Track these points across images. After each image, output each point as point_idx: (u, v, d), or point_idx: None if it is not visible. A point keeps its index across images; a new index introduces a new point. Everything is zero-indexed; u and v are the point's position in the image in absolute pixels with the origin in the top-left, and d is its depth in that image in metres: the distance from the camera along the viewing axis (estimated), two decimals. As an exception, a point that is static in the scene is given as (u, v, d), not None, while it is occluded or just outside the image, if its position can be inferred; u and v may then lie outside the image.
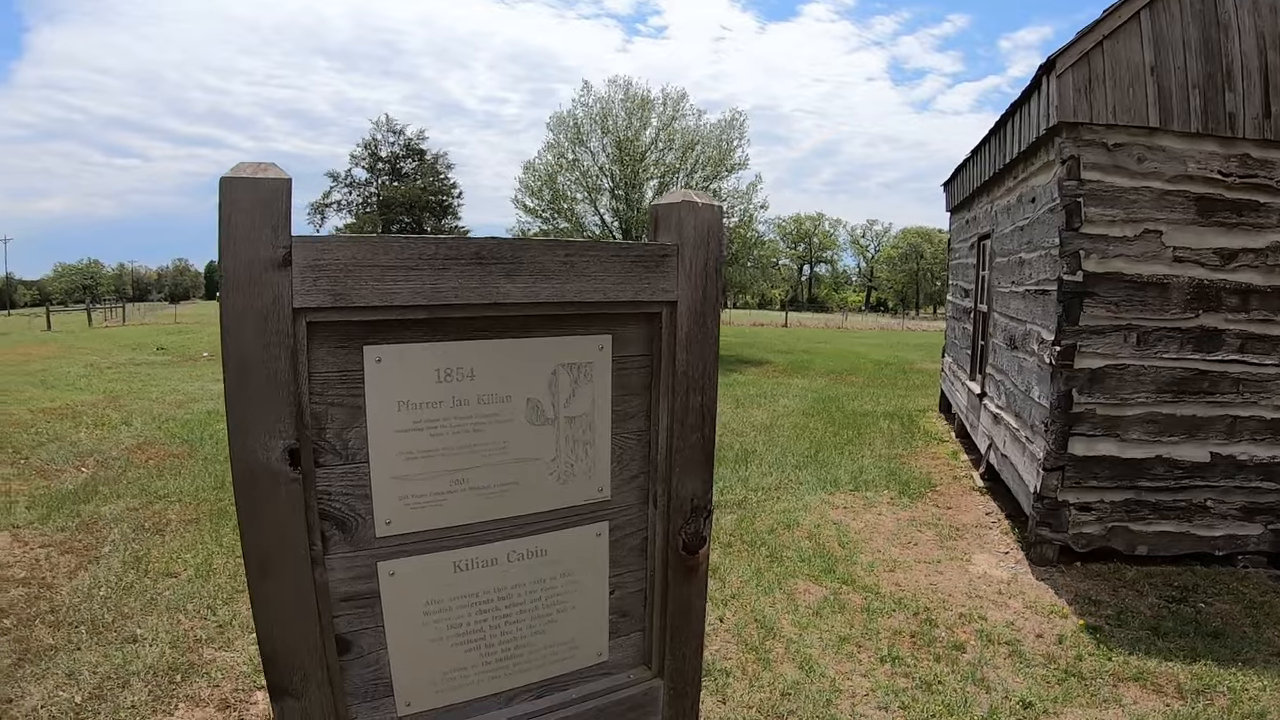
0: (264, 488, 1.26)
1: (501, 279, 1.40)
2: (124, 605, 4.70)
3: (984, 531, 6.54)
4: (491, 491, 1.52)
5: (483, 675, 1.60)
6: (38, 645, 4.12)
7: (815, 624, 4.70)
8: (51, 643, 4.16)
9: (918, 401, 13.69)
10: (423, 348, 1.40)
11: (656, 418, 1.66)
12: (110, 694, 3.68)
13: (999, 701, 3.81)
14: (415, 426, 1.41)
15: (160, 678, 3.85)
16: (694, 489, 1.68)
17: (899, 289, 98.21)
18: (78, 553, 5.58)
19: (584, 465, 1.61)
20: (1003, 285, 7.73)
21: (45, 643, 4.16)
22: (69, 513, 6.47)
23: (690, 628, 1.79)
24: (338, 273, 1.28)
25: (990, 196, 8.71)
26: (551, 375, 1.54)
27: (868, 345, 29.36)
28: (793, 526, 6.57)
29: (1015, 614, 4.88)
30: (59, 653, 4.04)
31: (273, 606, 1.31)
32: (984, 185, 8.88)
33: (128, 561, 5.41)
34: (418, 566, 1.47)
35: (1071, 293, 5.53)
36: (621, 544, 1.71)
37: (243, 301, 1.22)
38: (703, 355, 1.63)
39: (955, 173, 11.01)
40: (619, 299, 1.53)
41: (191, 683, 3.81)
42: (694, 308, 1.61)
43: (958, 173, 10.80)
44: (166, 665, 3.96)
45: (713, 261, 1.64)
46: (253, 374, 1.24)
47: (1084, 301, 5.53)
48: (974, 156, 9.32)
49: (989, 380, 8.15)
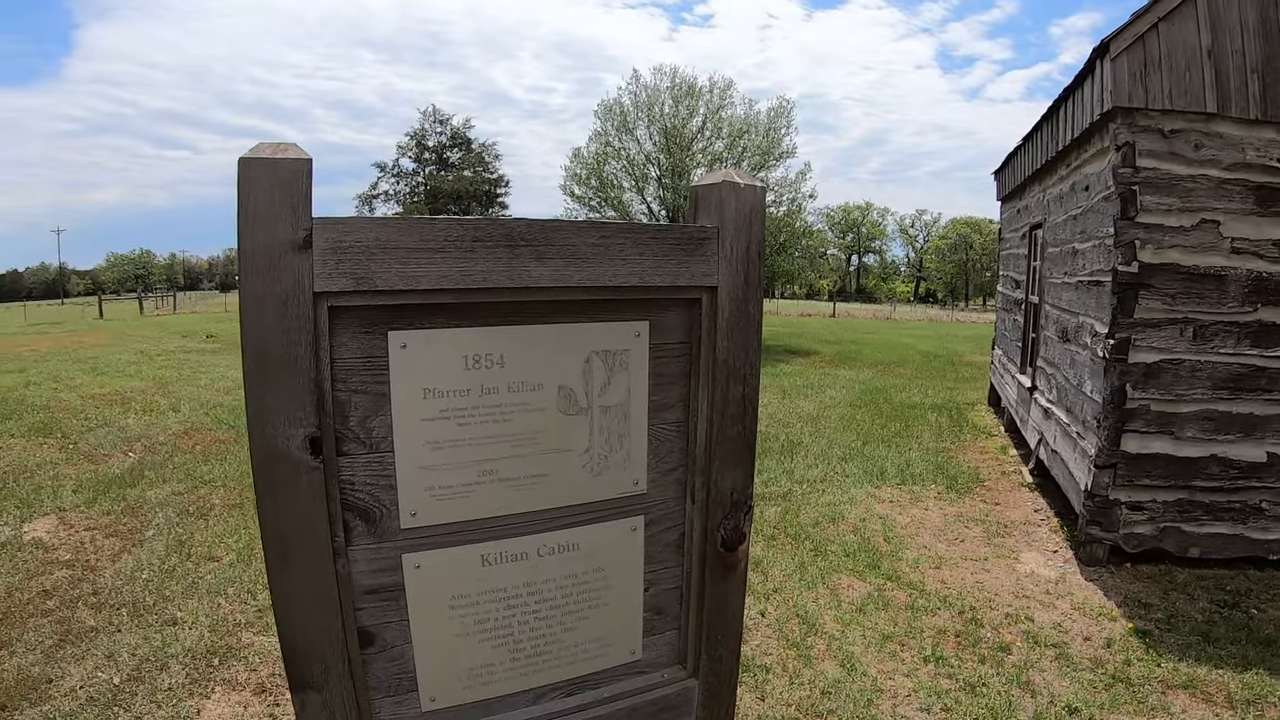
0: (284, 476, 1.21)
1: (532, 262, 1.34)
2: (165, 588, 4.77)
3: (1032, 529, 6.37)
4: (521, 483, 1.46)
5: (510, 672, 1.55)
6: (79, 627, 4.20)
7: (858, 621, 4.60)
8: (93, 624, 4.23)
9: (966, 394, 13.40)
10: (450, 333, 1.34)
11: (696, 408, 1.58)
12: (148, 676, 3.72)
13: (1044, 706, 3.69)
14: (442, 415, 1.36)
15: (198, 661, 3.89)
16: (734, 483, 1.60)
17: (948, 280, 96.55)
18: (122, 536, 5.69)
19: (619, 457, 1.54)
20: (1055, 276, 7.51)
21: (87, 624, 4.23)
22: (115, 496, 6.61)
23: (727, 627, 1.72)
24: (360, 255, 1.22)
25: (1042, 185, 8.46)
26: (585, 363, 1.47)
27: (916, 336, 28.87)
28: (838, 520, 6.46)
29: (1063, 615, 4.73)
30: (99, 634, 4.11)
31: (293, 598, 1.26)
32: (1036, 173, 8.62)
33: (171, 545, 5.50)
34: (444, 560, 1.42)
35: (1126, 284, 5.33)
36: (657, 539, 1.64)
37: (262, 286, 1.17)
38: (745, 343, 1.55)
39: (1006, 160, 10.73)
40: (656, 283, 1.46)
41: (229, 666, 3.85)
42: (735, 293, 1.53)
43: (1009, 160, 10.52)
44: (205, 649, 4.00)
45: (755, 245, 1.56)
46: (272, 360, 1.19)
47: (1139, 293, 5.32)
48: (1025, 144, 9.05)
49: (1040, 373, 7.93)
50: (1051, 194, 7.90)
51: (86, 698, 3.51)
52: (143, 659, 3.88)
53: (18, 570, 4.95)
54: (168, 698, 3.56)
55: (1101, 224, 5.74)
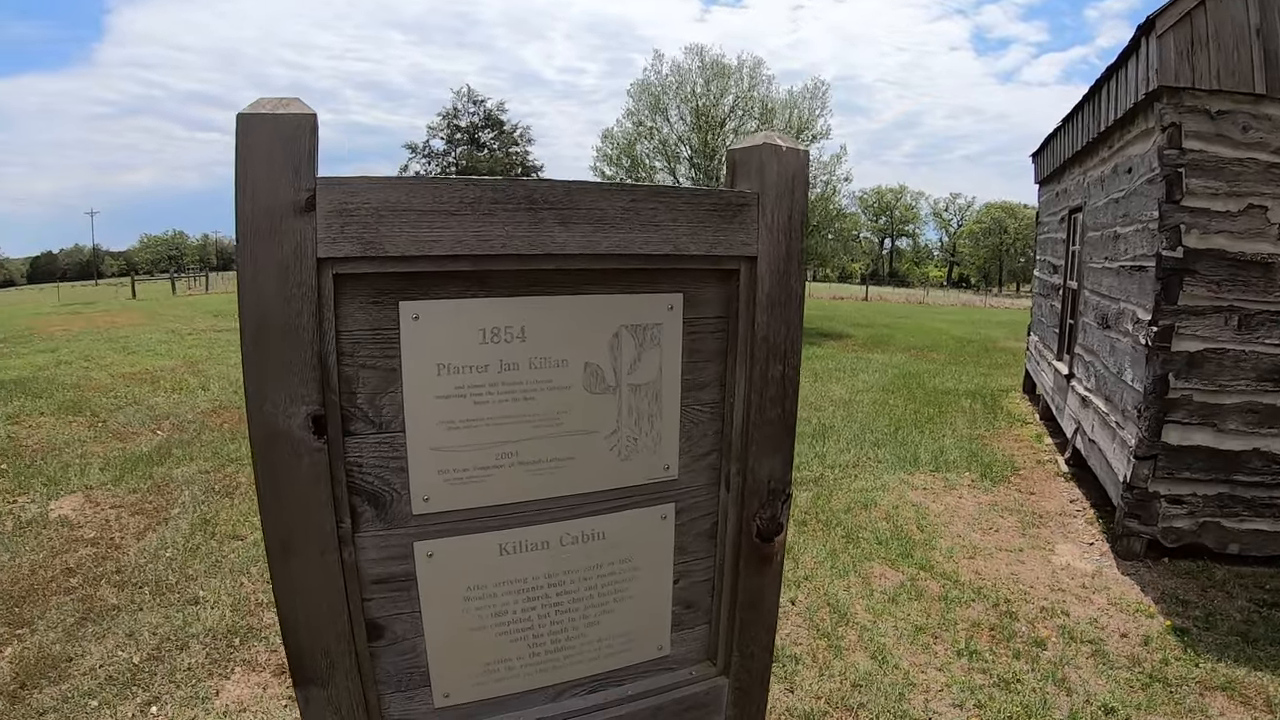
0: (285, 458, 1.12)
1: (556, 227, 1.22)
2: (189, 567, 4.76)
3: (1068, 520, 6.20)
4: (543, 467, 1.36)
5: (529, 667, 1.45)
6: (101, 605, 4.19)
7: (890, 611, 4.49)
8: (115, 602, 4.22)
9: (1000, 381, 13.15)
10: (466, 304, 1.24)
11: (732, 388, 1.46)
12: (168, 655, 3.70)
13: (1080, 705, 3.56)
14: (457, 392, 1.25)
15: (219, 640, 3.86)
16: (772, 469, 1.49)
17: (981, 265, 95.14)
18: (148, 514, 5.70)
19: (649, 440, 1.43)
20: (1095, 261, 7.27)
21: (109, 602, 4.22)
22: (142, 474, 6.63)
23: (761, 622, 1.61)
24: (368, 218, 1.12)
25: (1082, 167, 8.19)
26: (613, 337, 1.36)
27: (949, 321, 28.48)
28: (870, 506, 6.34)
29: (1099, 610, 4.58)
30: (121, 613, 4.10)
31: (296, 588, 1.17)
32: (1076, 155, 8.35)
33: (195, 523, 5.49)
34: (459, 548, 1.32)
35: (1171, 270, 5.12)
36: (688, 528, 1.53)
37: (261, 251, 1.08)
38: (785, 319, 1.43)
39: (1045, 143, 10.43)
40: (691, 252, 1.34)
41: (250, 646, 3.81)
42: (776, 265, 1.41)
43: (1047, 143, 10.22)
44: (226, 628, 3.97)
45: (798, 213, 1.43)
46: (272, 332, 1.09)
47: (1183, 279, 5.11)
48: (1065, 125, 8.77)
49: (1078, 361, 7.71)
50: (1092, 176, 7.64)
51: (105, 677, 3.49)
52: (163, 638, 3.86)
53: (42, 548, 4.97)
54: (187, 678, 3.53)
55: (1145, 207, 5.54)
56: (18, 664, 3.56)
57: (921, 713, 3.51)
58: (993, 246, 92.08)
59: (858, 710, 3.49)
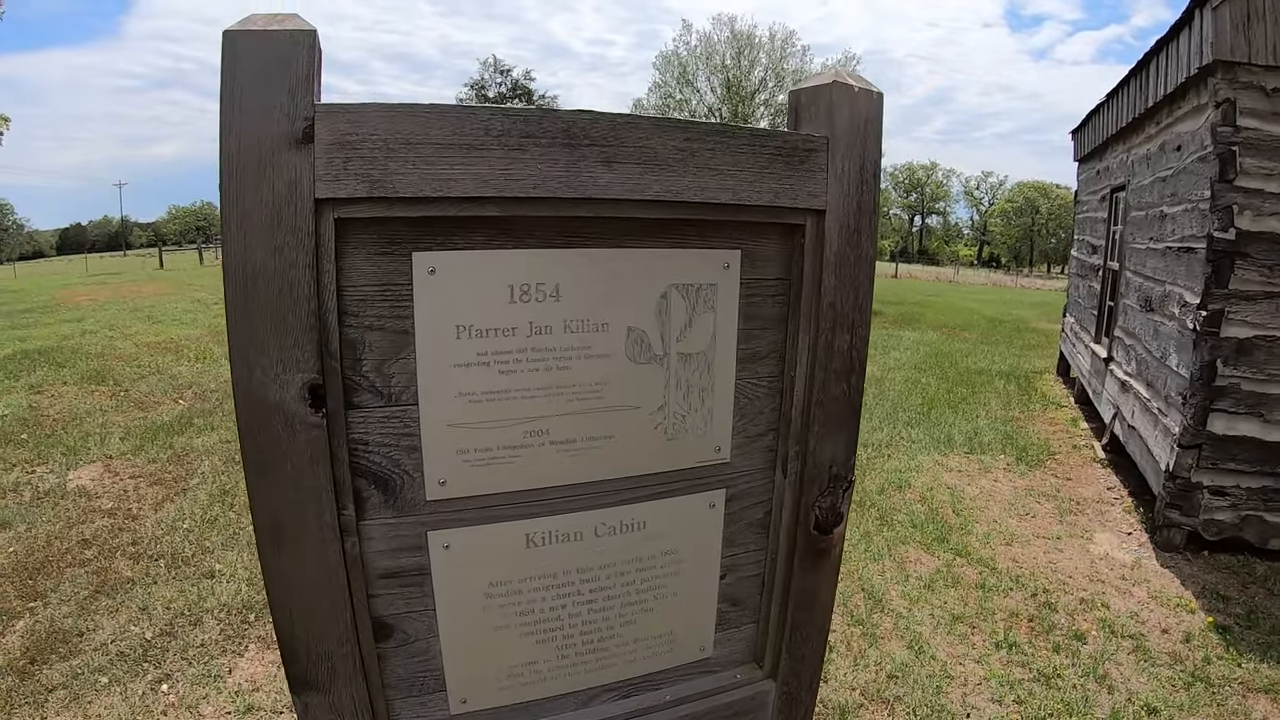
0: (277, 435, 0.96)
1: (598, 166, 1.04)
2: (206, 539, 4.66)
3: (1105, 508, 6.02)
4: (579, 447, 1.19)
5: (557, 671, 1.30)
6: (115, 578, 4.10)
7: (926, 598, 4.34)
8: (130, 575, 4.13)
9: (1034, 362, 12.85)
10: (491, 256, 1.06)
11: (793, 360, 1.28)
12: (181, 631, 3.60)
13: (1121, 704, 3.42)
14: (480, 360, 1.08)
15: (233, 616, 3.76)
16: (834, 453, 1.31)
17: (1012, 244, 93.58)
18: (166, 484, 5.62)
19: (699, 417, 1.25)
20: (1138, 241, 7.03)
21: (123, 575, 4.13)
22: (162, 444, 6.56)
23: (814, 622, 1.45)
24: (376, 152, 0.95)
25: (1126, 145, 7.90)
26: (661, 299, 1.18)
27: (980, 301, 28.03)
28: (904, 488, 6.19)
29: (1139, 604, 4.42)
30: (135, 586, 4.01)
31: (291, 584, 1.02)
32: (1120, 132, 8.05)
33: (214, 494, 5.40)
34: (479, 539, 1.16)
35: (1222, 252, 4.91)
36: (739, 518, 1.36)
37: (249, 192, 0.92)
38: (854, 283, 1.24)
39: (1086, 119, 10.09)
40: (751, 202, 1.15)
41: (265, 623, 3.71)
42: (846, 220, 1.22)
43: (1089, 119, 9.88)
44: (241, 603, 3.87)
45: (871, 163, 1.24)
46: (261, 288, 0.93)
47: (1235, 263, 4.90)
48: (1109, 101, 8.49)
49: (1117, 344, 7.47)
50: (1137, 154, 7.36)
51: (117, 653, 3.39)
52: (177, 613, 3.76)
53: (59, 519, 4.90)
54: (199, 654, 3.43)
55: (1195, 187, 5.31)
56: (28, 638, 3.48)
57: (960, 707, 3.37)
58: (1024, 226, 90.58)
59: (894, 704, 3.34)
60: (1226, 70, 4.80)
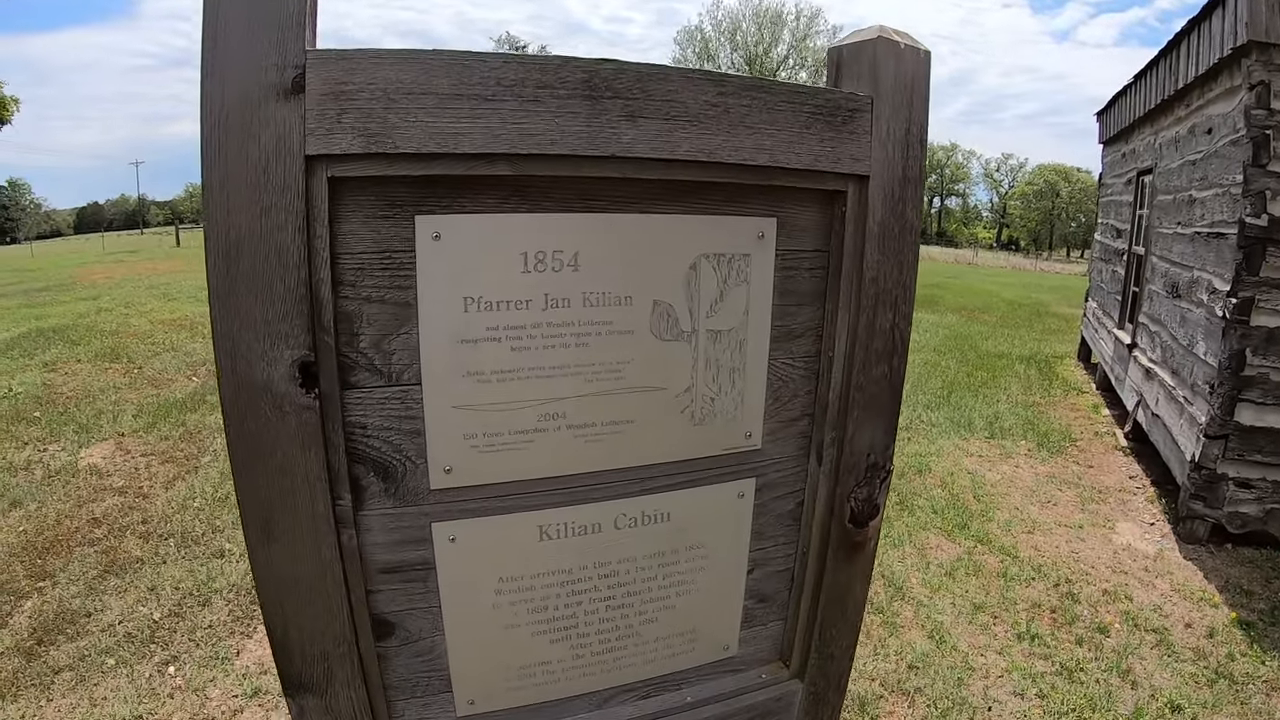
0: (264, 418, 0.87)
1: (621, 121, 0.94)
2: (216, 518, 4.62)
3: (1128, 497, 5.93)
4: (598, 433, 1.09)
5: (572, 671, 1.21)
6: (125, 557, 4.06)
7: (948, 586, 4.28)
8: (139, 555, 4.09)
9: (1054, 347, 12.67)
10: (502, 220, 0.96)
11: (831, 340, 1.18)
12: (190, 612, 3.56)
13: (1145, 700, 3.35)
14: (490, 335, 0.98)
15: (243, 596, 3.71)
16: (873, 440, 1.21)
17: (1032, 228, 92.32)
18: (178, 462, 5.58)
19: (729, 400, 1.15)
20: (1165, 226, 6.91)
21: (133, 555, 4.09)
22: (174, 421, 6.53)
23: (845, 620, 1.35)
24: (374, 104, 0.85)
25: (1154, 127, 7.76)
26: (690, 270, 1.07)
27: (999, 284, 27.72)
28: (924, 472, 6.11)
29: (1162, 597, 4.35)
30: (144, 566, 3.97)
31: (282, 580, 0.93)
32: (1147, 115, 7.90)
33: (225, 472, 5.36)
34: (488, 531, 1.07)
35: (1254, 238, 4.79)
36: (769, 509, 1.26)
37: (232, 148, 0.83)
38: (899, 256, 1.13)
39: (1112, 100, 9.92)
40: (790, 165, 1.04)
41: (273, 606, 3.66)
42: (891, 188, 1.11)
43: (1115, 100, 9.73)
44: (250, 584, 3.82)
45: (918, 127, 1.13)
46: (245, 255, 0.84)
47: (1267, 249, 4.78)
48: (1136, 82, 8.33)
49: (1142, 330, 7.34)
50: (1165, 137, 7.22)
51: (124, 634, 3.35)
52: (186, 593, 3.72)
53: (69, 497, 4.87)
54: (207, 636, 3.38)
55: (1226, 170, 5.18)
56: (36, 618, 3.45)
57: (981, 700, 3.30)
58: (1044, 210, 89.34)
59: (914, 695, 3.27)
60: (1261, 51, 4.66)
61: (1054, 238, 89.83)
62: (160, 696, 3.01)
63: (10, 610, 3.52)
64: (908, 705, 3.22)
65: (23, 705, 2.90)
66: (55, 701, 2.93)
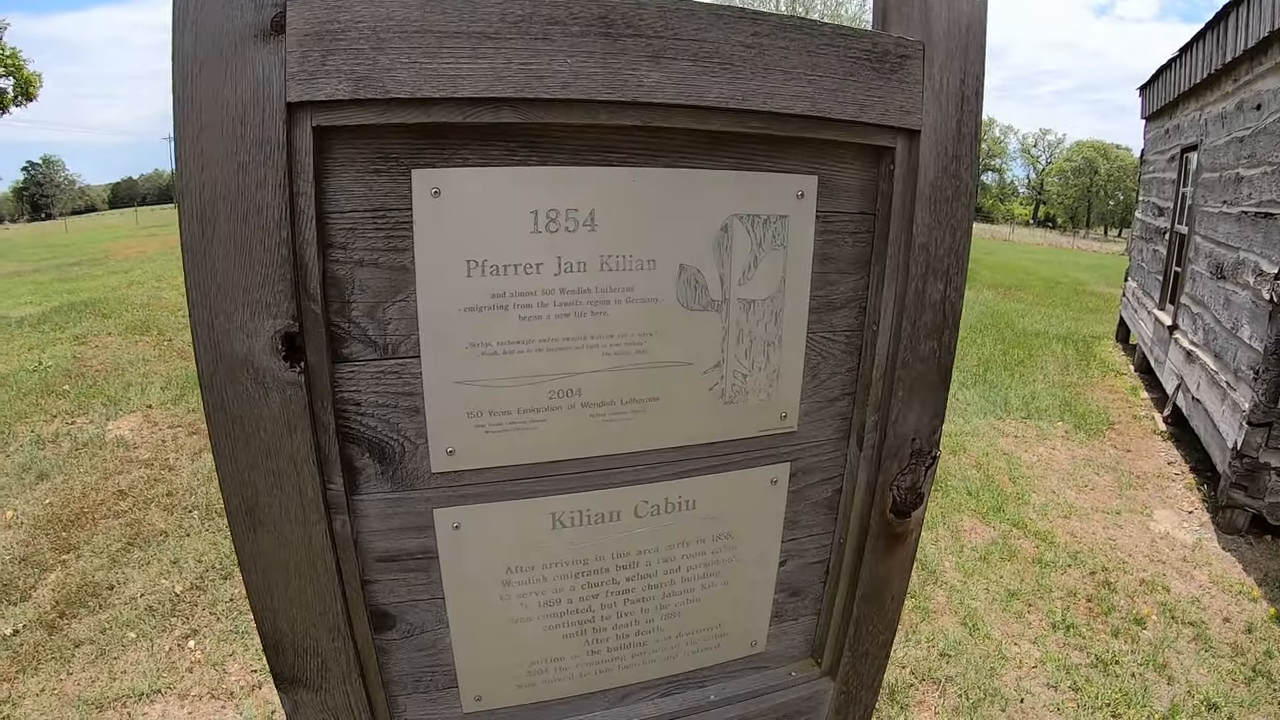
0: (245, 395, 0.79)
1: (643, 62, 0.83)
2: (239, 493, 4.63)
3: (1166, 484, 5.80)
4: (617, 411, 1.00)
5: (587, 668, 1.13)
6: (149, 530, 4.07)
7: (982, 571, 4.20)
8: (163, 527, 4.09)
9: (1092, 327, 12.43)
10: (509, 174, 0.86)
11: (876, 312, 1.07)
12: (211, 585, 3.55)
13: (1181, 697, 3.26)
14: (496, 303, 0.89)
15: (264, 573, 3.70)
16: (919, 423, 1.10)
17: (1069, 205, 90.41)
18: (204, 434, 5.57)
19: (762, 377, 1.05)
20: (1210, 204, 6.72)
21: (157, 527, 4.10)
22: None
23: (882, 616, 1.26)
24: (362, 44, 0.76)
25: (1200, 102, 7.54)
26: (721, 232, 0.97)
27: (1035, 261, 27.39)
28: (959, 452, 6.02)
29: (1200, 588, 4.24)
30: (168, 538, 3.97)
31: (269, 569, 0.85)
32: (1192, 89, 7.69)
33: (249, 447, 5.37)
34: (496, 518, 0.98)
35: (1305, 219, 4.60)
36: (804, 496, 1.16)
37: (207, 97, 0.74)
38: (952, 221, 1.02)
39: (1156, 75, 9.67)
40: (833, 115, 0.93)
41: (294, 581, 3.64)
42: (944, 145, 1.00)
43: (1159, 74, 9.48)
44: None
45: (973, 78, 1.01)
46: (221, 215, 0.76)
47: None
48: (1182, 56, 8.12)
49: (1183, 312, 7.16)
50: (1211, 113, 7.03)
51: (145, 607, 3.35)
52: (208, 566, 3.72)
53: (96, 469, 4.89)
54: (228, 609, 3.37)
55: (1276, 148, 5.03)
56: (59, 591, 3.45)
57: (1013, 692, 3.22)
58: (1082, 187, 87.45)
59: (945, 685, 3.19)
60: (1316, 26, 4.50)
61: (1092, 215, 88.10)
62: (179, 670, 2.99)
63: (34, 583, 3.54)
64: (938, 694, 3.13)
65: (42, 678, 2.90)
66: (75, 675, 2.93)
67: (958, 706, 3.08)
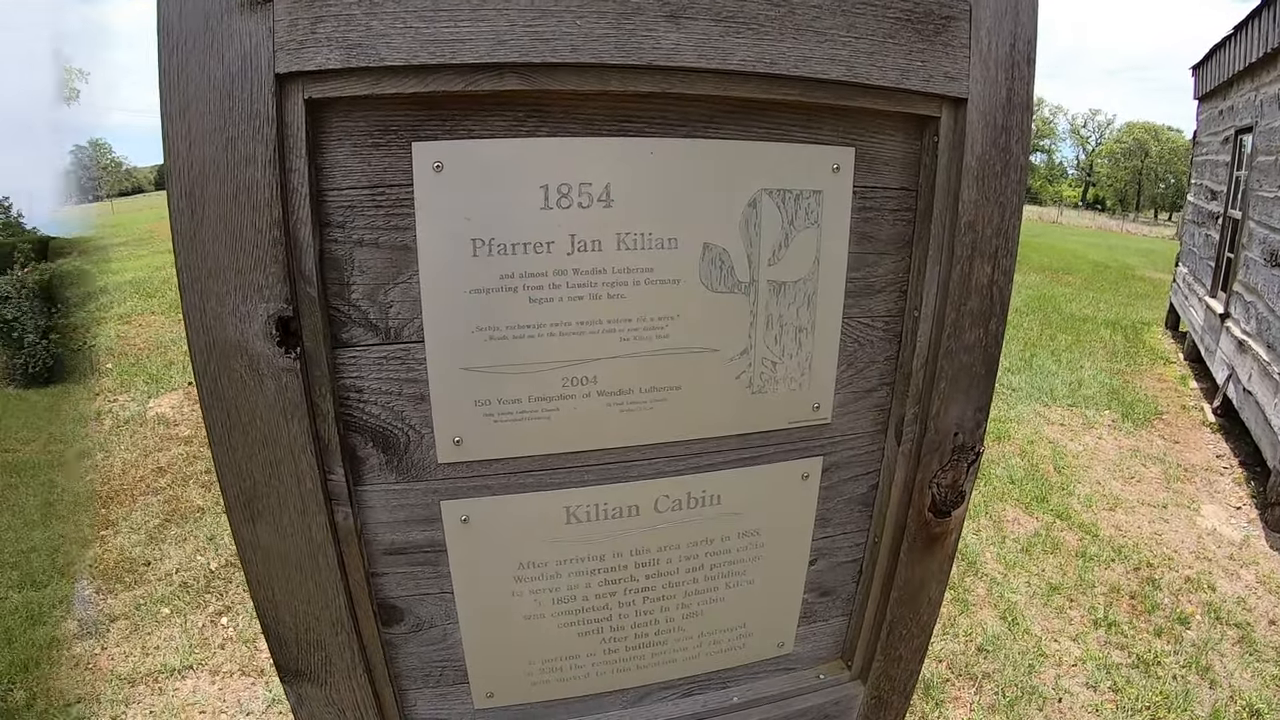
0: (240, 382, 0.75)
1: (662, 22, 0.76)
2: (275, 470, 4.69)
3: (1214, 477, 5.66)
4: (636, 400, 0.94)
5: (604, 667, 1.08)
6: (186, 506, 4.14)
7: (1023, 564, 4.14)
8: (200, 504, 4.16)
9: (1141, 313, 12.14)
10: (517, 146, 0.80)
11: (917, 296, 0.99)
12: (245, 564, 3.59)
13: (1223, 702, 3.18)
14: (504, 284, 0.83)
15: (297, 551, 3.74)
16: (961, 417, 1.03)
17: (1119, 188, 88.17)
18: (241, 414, 5.69)
19: (793, 365, 0.98)
20: (1265, 189, 6.55)
21: (194, 504, 4.16)
22: (240, 374, 6.66)
23: (917, 619, 1.19)
24: (354, 8, 0.71)
25: (1255, 82, 7.32)
26: (749, 208, 0.90)
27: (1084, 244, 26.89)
28: (1003, 439, 5.94)
29: (1247, 588, 4.13)
30: (205, 515, 4.03)
31: (270, 562, 0.82)
32: (1248, 69, 7.45)
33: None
34: (507, 511, 0.93)
35: (1366, 206, 4.41)
36: (837, 492, 1.10)
37: (193, 70, 0.70)
38: (1001, 198, 0.94)
39: (1209, 54, 9.39)
40: (871, 81, 0.86)
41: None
42: (993, 115, 0.92)
43: (1212, 53, 9.21)
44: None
45: (1023, 42, 0.93)
46: (210, 194, 0.72)
47: None
48: (1237, 33, 7.88)
49: (1236, 300, 6.96)
50: (1267, 93, 6.82)
51: (180, 583, 3.40)
52: (242, 545, 3.76)
53: (136, 446, 4.98)
54: (260, 589, 3.40)
55: None
56: (96, 566, 3.52)
57: (1051, 690, 3.15)
58: (1133, 169, 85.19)
59: (982, 681, 3.12)
60: (1378, 2, 4.32)
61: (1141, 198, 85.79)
62: (211, 647, 3.03)
63: (73, 559, 3.60)
64: (974, 691, 3.06)
65: (76, 653, 2.95)
66: (109, 650, 2.98)
67: (994, 704, 3.00)
